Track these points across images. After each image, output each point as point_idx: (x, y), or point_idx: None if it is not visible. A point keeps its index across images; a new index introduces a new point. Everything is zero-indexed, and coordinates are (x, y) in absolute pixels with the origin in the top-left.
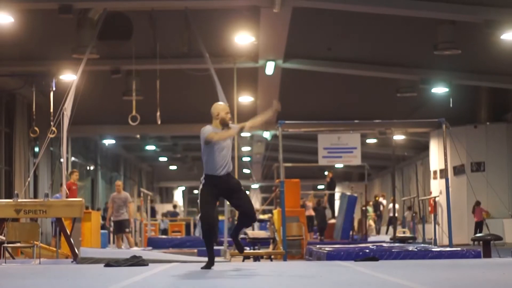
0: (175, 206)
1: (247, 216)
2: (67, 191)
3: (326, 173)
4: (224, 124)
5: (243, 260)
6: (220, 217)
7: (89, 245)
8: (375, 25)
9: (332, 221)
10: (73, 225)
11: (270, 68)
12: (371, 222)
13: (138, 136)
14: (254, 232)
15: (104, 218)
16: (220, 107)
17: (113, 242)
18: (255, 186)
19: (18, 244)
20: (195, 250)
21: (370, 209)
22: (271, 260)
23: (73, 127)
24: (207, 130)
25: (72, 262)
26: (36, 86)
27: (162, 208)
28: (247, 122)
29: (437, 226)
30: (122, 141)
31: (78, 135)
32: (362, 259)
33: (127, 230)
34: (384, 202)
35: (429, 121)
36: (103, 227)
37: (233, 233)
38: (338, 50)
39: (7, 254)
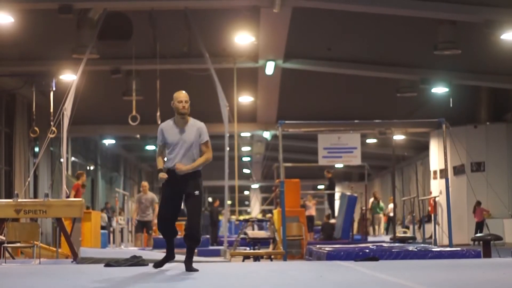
0: None
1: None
2: (68, 192)
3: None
4: (180, 114)
5: (243, 260)
6: (219, 217)
7: (89, 245)
8: (375, 25)
9: (332, 221)
10: (73, 225)
11: (270, 68)
12: (380, 216)
13: (138, 136)
14: (254, 232)
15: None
16: (175, 95)
17: (113, 242)
18: (255, 186)
19: (18, 244)
20: (195, 250)
21: (375, 205)
22: (271, 260)
23: (73, 127)
24: (159, 132)
25: (72, 262)
26: (36, 86)
27: None
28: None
29: (437, 226)
30: (122, 141)
31: (78, 135)
32: (362, 259)
33: (150, 231)
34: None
35: (429, 121)
36: (103, 227)
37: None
38: (338, 50)
39: (7, 254)
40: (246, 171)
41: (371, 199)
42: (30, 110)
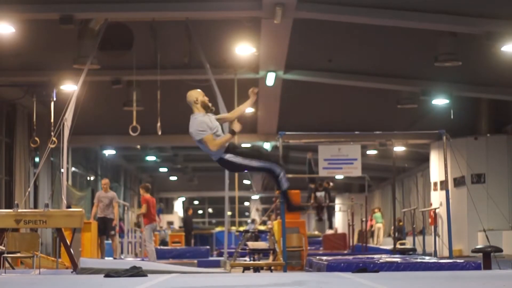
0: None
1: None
2: (65, 202)
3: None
4: (206, 107)
5: (243, 271)
6: (220, 228)
7: (89, 256)
8: (375, 37)
9: (330, 232)
10: (73, 236)
11: (270, 79)
12: (380, 225)
13: (138, 146)
14: (254, 243)
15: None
16: (195, 92)
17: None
18: (255, 197)
19: (18, 254)
20: (195, 261)
21: (378, 215)
22: (271, 271)
23: (73, 137)
24: (201, 122)
25: (72, 272)
26: (36, 96)
27: (163, 218)
28: (230, 114)
29: (437, 238)
30: (122, 151)
31: (79, 145)
32: (361, 270)
33: (113, 232)
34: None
35: (429, 132)
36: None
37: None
38: (339, 61)
39: (7, 264)
40: (246, 182)
41: (376, 214)
42: (31, 120)
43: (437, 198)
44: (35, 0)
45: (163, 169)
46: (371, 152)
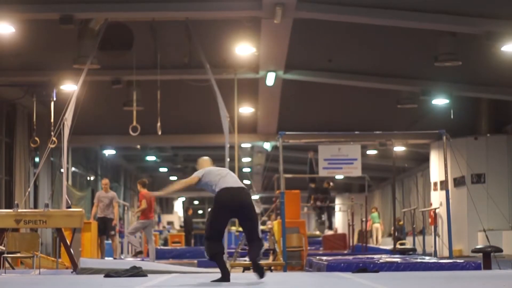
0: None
1: None
2: (69, 202)
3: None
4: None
5: (243, 271)
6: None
7: (89, 256)
8: (375, 37)
9: (329, 232)
10: (73, 236)
11: (270, 79)
12: (377, 226)
13: (138, 146)
14: None
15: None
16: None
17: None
18: (255, 197)
19: (18, 254)
20: (195, 261)
21: (375, 215)
22: (271, 271)
23: (73, 137)
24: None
25: (72, 272)
26: (36, 96)
27: (163, 218)
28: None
29: (437, 238)
30: (122, 151)
31: (79, 145)
32: (361, 270)
33: (113, 232)
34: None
35: (429, 132)
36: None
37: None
38: (339, 61)
39: (7, 264)
40: (246, 182)
41: (373, 214)
42: (31, 120)
43: (437, 198)
44: (35, 0)
45: (163, 169)
46: (371, 152)
